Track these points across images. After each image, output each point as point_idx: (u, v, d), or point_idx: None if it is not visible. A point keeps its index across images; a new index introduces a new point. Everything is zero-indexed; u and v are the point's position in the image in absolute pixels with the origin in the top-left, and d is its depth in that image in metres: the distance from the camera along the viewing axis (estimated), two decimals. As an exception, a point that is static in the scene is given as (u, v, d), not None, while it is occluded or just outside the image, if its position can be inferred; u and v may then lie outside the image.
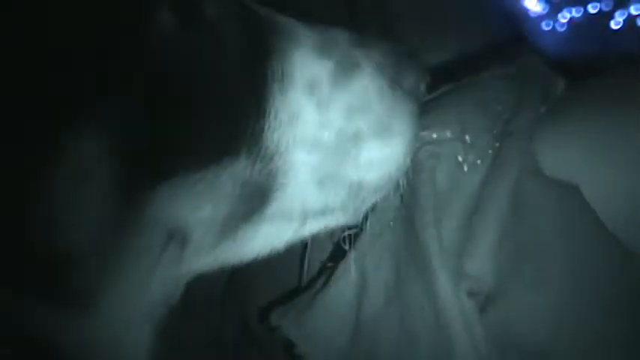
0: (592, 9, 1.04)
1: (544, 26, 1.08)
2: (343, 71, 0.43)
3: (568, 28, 1.08)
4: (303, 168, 0.41)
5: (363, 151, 0.42)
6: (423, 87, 0.47)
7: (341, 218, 0.45)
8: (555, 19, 1.09)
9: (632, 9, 1.01)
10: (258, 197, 0.40)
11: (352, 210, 0.44)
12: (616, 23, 1.02)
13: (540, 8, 1.08)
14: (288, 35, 0.42)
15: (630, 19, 1.00)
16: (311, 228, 0.44)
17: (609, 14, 1.02)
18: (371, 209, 0.51)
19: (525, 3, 1.08)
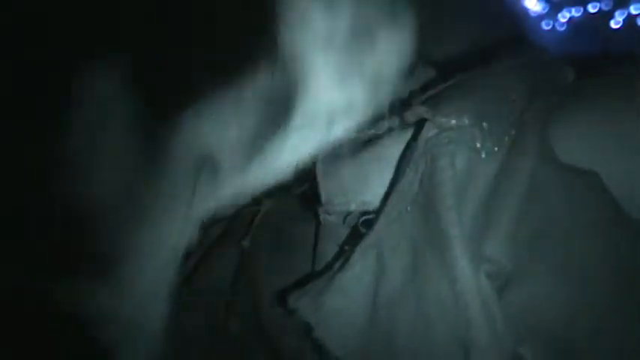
0: (592, 8, 1.06)
1: (544, 25, 1.09)
2: None
3: (568, 28, 1.09)
4: (322, 68, 0.41)
5: (377, 42, 0.42)
6: None
7: (366, 114, 0.44)
8: (555, 19, 1.10)
9: (631, 8, 1.02)
10: (282, 109, 0.39)
11: (375, 104, 0.44)
12: (616, 23, 1.03)
13: (540, 8, 1.09)
14: None
15: (630, 19, 1.01)
16: (337, 131, 0.44)
17: (609, 14, 1.03)
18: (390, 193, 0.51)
19: (525, 2, 1.09)
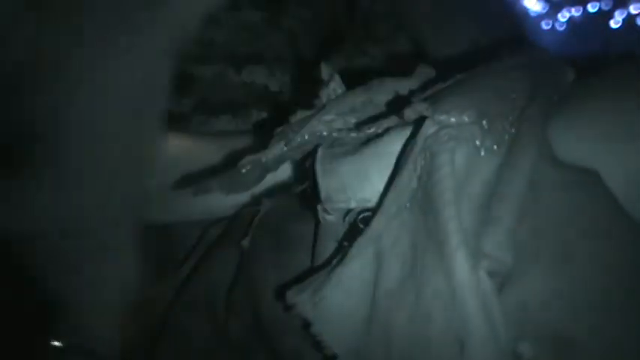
0: (591, 8, 1.06)
1: (544, 25, 1.09)
2: None
3: (568, 27, 1.09)
4: None
5: None
6: None
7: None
8: (555, 19, 1.10)
9: (631, 8, 1.02)
10: None
11: None
12: (616, 23, 1.04)
13: (540, 7, 1.09)
14: None
15: (630, 18, 1.01)
16: None
17: (609, 13, 1.04)
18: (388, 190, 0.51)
19: (525, 2, 1.09)
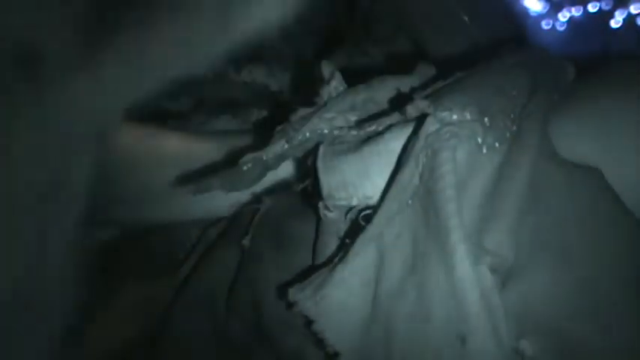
0: (592, 8, 1.06)
1: (544, 25, 1.09)
2: None
3: (568, 27, 1.09)
4: None
5: None
6: None
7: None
8: (555, 18, 1.10)
9: (632, 8, 1.02)
10: None
11: None
12: (616, 22, 1.04)
13: (540, 7, 1.09)
14: None
15: (630, 18, 1.01)
16: (238, 26, 0.42)
17: (609, 13, 1.04)
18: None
19: (525, 2, 1.10)
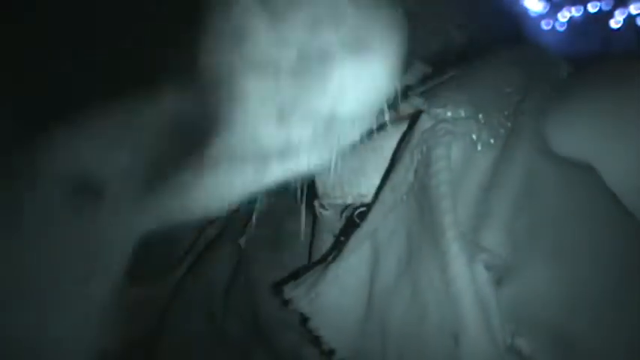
0: (592, 8, 1.06)
1: (544, 25, 1.09)
2: None
3: (568, 27, 1.09)
4: (254, 97, 0.32)
5: (334, 74, 0.34)
6: None
7: (311, 159, 0.37)
8: (555, 19, 1.10)
9: (631, 8, 1.02)
10: (195, 136, 0.32)
11: (324, 148, 0.37)
12: (616, 22, 1.04)
13: (540, 7, 1.09)
14: None
15: (630, 19, 1.01)
16: (274, 173, 0.36)
17: (609, 13, 1.04)
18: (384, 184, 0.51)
19: (525, 2, 1.09)
